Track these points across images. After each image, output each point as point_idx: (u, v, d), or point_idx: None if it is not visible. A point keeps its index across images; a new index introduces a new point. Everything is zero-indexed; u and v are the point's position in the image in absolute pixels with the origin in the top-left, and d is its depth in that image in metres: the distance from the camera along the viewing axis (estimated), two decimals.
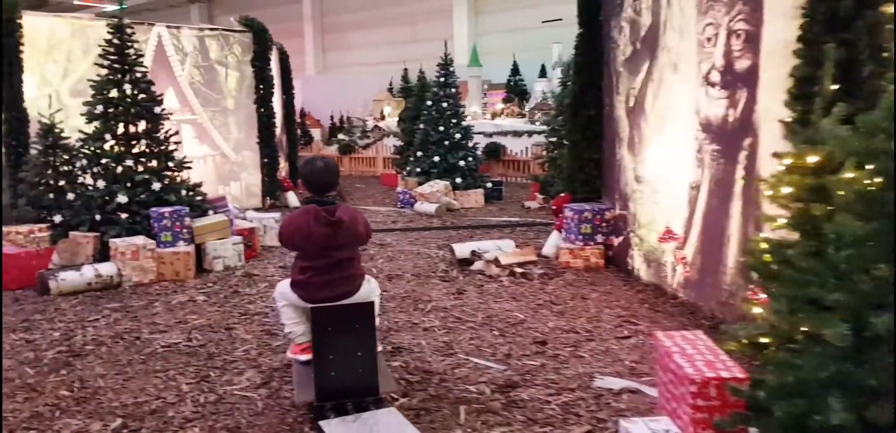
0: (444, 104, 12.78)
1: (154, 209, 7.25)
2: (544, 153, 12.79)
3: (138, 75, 7.70)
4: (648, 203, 6.59)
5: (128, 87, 7.55)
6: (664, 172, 6.27)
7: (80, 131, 7.70)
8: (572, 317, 5.53)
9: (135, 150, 7.60)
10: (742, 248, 5.02)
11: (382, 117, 23.49)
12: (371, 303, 3.87)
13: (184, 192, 7.70)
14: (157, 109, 7.77)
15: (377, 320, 4.04)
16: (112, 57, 7.62)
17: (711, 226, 5.50)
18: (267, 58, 12.24)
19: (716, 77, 5.38)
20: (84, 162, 7.57)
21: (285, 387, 4.16)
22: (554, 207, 8.15)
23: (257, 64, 12.11)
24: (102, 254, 7.11)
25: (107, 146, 7.53)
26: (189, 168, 8.14)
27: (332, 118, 24.54)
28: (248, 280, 7.01)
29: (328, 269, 3.95)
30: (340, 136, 22.47)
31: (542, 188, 12.19)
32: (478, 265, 7.14)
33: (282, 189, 12.69)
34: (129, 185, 7.44)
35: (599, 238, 7.31)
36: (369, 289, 4.20)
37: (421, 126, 13.24)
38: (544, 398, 3.96)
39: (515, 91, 23.39)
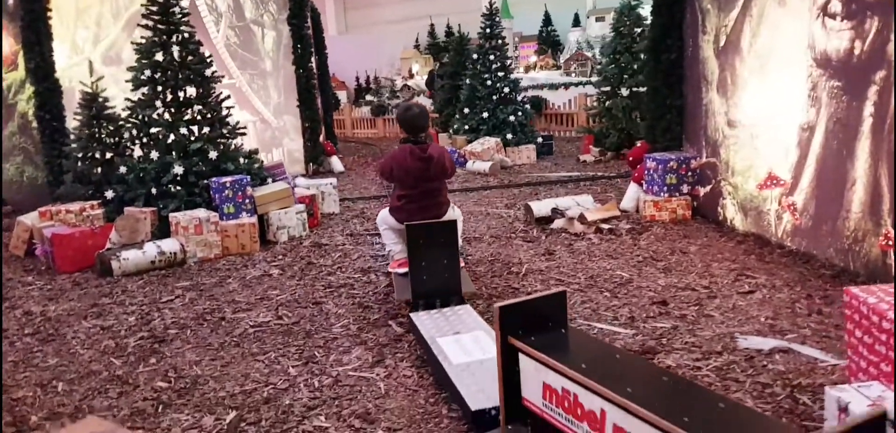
0: (491, 57, 12.26)
1: (214, 179, 6.88)
2: (595, 104, 12.26)
3: (186, 36, 7.28)
4: (745, 148, 6.12)
5: (176, 50, 7.12)
6: (766, 114, 5.79)
7: (128, 99, 7.31)
8: (681, 273, 5.13)
9: (187, 118, 7.20)
10: (873, 191, 4.58)
11: (411, 75, 22.95)
12: (454, 222, 4.51)
13: (241, 160, 7.32)
14: (208, 72, 7.37)
15: (460, 240, 4.71)
16: (156, 17, 7.19)
17: (829, 170, 5.04)
18: (304, 15, 11.76)
19: (837, 7, 4.88)
20: (134, 132, 7.19)
21: (402, 365, 3.81)
22: (631, 158, 7.71)
23: (294, 22, 11.63)
24: (161, 230, 6.78)
25: (156, 114, 7.14)
26: (244, 134, 7.76)
27: (357, 79, 24.00)
28: (319, 250, 6.66)
29: (421, 196, 4.93)
30: (368, 98, 21.99)
31: (596, 140, 11.72)
32: (558, 223, 6.73)
33: (325, 153, 12.29)
34: (182, 154, 7.06)
35: (685, 188, 6.87)
36: (455, 214, 5.06)
37: (467, 81, 12.74)
38: (692, 363, 3.57)
39: (548, 42, 22.74)
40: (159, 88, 7.14)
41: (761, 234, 5.90)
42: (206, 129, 7.29)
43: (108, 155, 7.57)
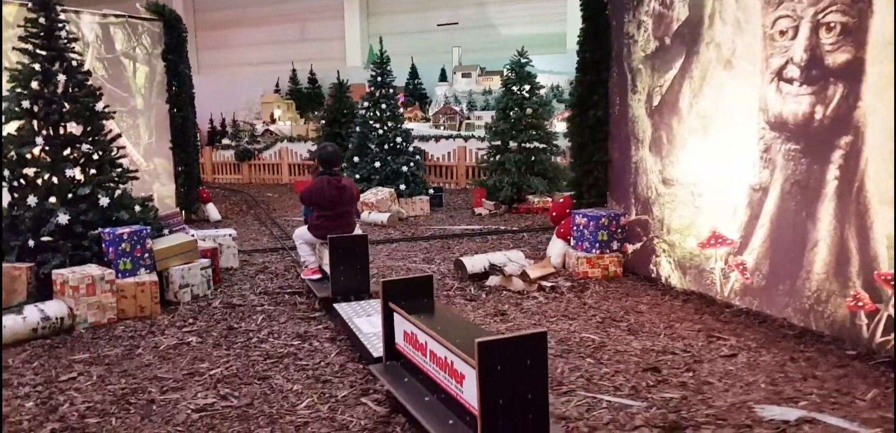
0: (383, 105, 11.89)
1: (108, 230, 5.89)
2: (488, 158, 12.23)
3: (73, 64, 6.26)
4: (684, 207, 6.19)
5: (61, 79, 6.09)
6: (710, 174, 5.89)
7: None
8: (649, 335, 4.98)
9: (70, 157, 6.15)
10: (838, 252, 4.71)
11: (273, 120, 21.98)
12: (365, 236, 6.10)
13: (136, 208, 6.35)
14: (99, 106, 6.37)
15: None
16: (36, 41, 6.13)
17: (785, 230, 5.16)
18: (181, 51, 10.77)
19: (793, 72, 5.04)
20: (3, 172, 6.03)
21: None
22: (554, 213, 7.60)
23: (170, 57, 10.61)
24: (39, 290, 5.67)
25: (33, 152, 6.05)
26: (135, 178, 6.78)
27: (211, 122, 22.60)
28: (235, 312, 5.86)
29: (336, 217, 6.33)
30: (225, 141, 20.73)
31: (488, 193, 11.65)
32: (494, 280, 6.43)
33: (201, 200, 11.22)
34: (67, 200, 6.01)
35: (615, 245, 6.84)
36: (359, 232, 6.44)
37: (357, 129, 12.25)
38: None
39: (415, 95, 22.71)
40: (38, 123, 6.04)
41: (704, 293, 5.95)
42: (92, 172, 6.26)
43: None
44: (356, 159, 12.01)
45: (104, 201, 6.06)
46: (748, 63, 5.44)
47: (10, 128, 6.14)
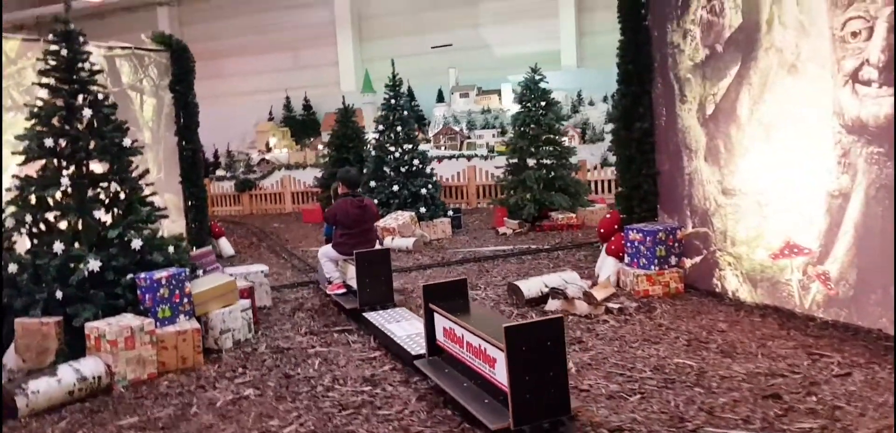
0: (399, 128, 11.53)
1: (143, 275, 5.46)
2: (507, 176, 11.89)
3: (99, 97, 5.85)
4: (749, 217, 5.88)
5: (87, 113, 5.68)
6: (776, 181, 5.60)
7: (16, 177, 5.71)
8: (746, 357, 4.65)
9: (98, 198, 5.73)
10: None
11: (268, 149, 21.56)
12: (389, 250, 6.75)
13: (170, 250, 5.92)
14: (127, 142, 5.95)
15: None
16: (57, 74, 5.72)
17: (874, 237, 4.86)
18: (189, 82, 10.35)
19: (871, 74, 4.77)
20: (23, 217, 5.58)
21: None
22: (602, 230, 7.26)
23: (178, 89, 10.19)
24: (71, 346, 5.21)
25: (58, 195, 5.61)
26: (165, 216, 6.37)
27: (203, 153, 22.05)
28: (286, 357, 5.44)
29: (358, 235, 6.88)
30: (220, 172, 20.25)
31: (510, 212, 11.30)
32: (554, 304, 6.07)
33: (213, 235, 10.76)
34: (95, 245, 5.58)
35: (673, 260, 6.51)
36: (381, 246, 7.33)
37: (372, 153, 11.89)
38: None
39: (415, 117, 22.42)
40: (58, 162, 5.62)
41: (781, 307, 5.62)
42: (120, 212, 5.83)
43: None
44: (373, 183, 11.62)
45: (136, 244, 5.62)
46: (816, 66, 5.16)
47: (30, 169, 5.71)
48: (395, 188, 11.32)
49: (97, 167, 5.86)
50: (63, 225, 5.64)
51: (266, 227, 14.21)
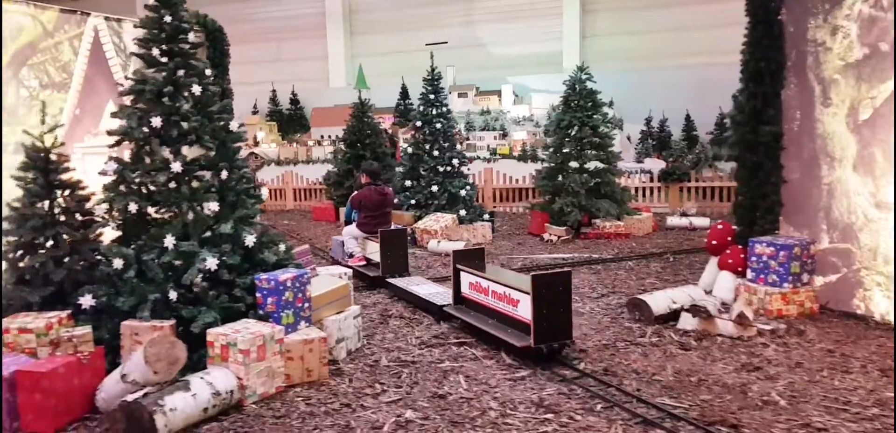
0: (438, 125, 10.91)
1: (268, 275, 4.74)
2: (543, 179, 11.39)
3: (207, 73, 5.12)
4: None
5: (197, 89, 4.93)
6: None
7: (115, 159, 4.91)
8: None
9: (212, 187, 4.98)
10: None
11: (256, 143, 20.56)
12: (404, 228, 8.26)
13: (281, 247, 5.21)
14: (234, 124, 5.22)
15: None
16: (161, 45, 4.97)
17: None
18: (225, 66, 9.53)
19: None
20: (122, 207, 4.79)
21: None
22: (714, 241, 6.81)
23: (213, 74, 9.30)
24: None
25: (163, 182, 4.85)
26: (263, 210, 5.63)
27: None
28: (418, 370, 4.83)
29: (379, 217, 8.40)
30: None
31: (551, 217, 10.79)
32: (688, 322, 5.59)
33: None
34: (204, 241, 4.84)
35: (805, 278, 6.11)
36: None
37: (408, 151, 11.23)
38: None
39: (405, 116, 21.73)
40: (164, 148, 4.86)
41: None
42: (228, 204, 5.09)
43: (74, 238, 4.96)
44: (408, 183, 10.96)
45: (249, 240, 4.90)
46: None
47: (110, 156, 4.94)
48: (434, 189, 10.68)
49: (189, 153, 5.09)
50: (170, 216, 4.87)
51: (276, 224, 13.37)
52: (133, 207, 4.67)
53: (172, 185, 4.82)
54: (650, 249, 9.46)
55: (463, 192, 10.80)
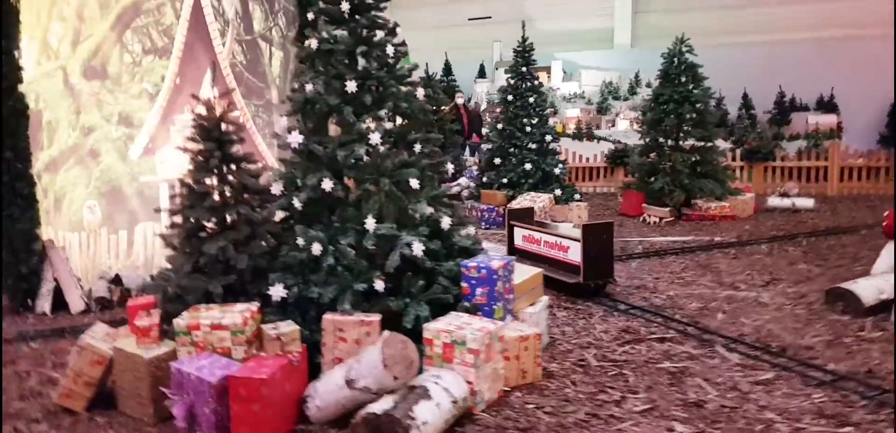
0: (531, 99, 10.29)
1: (478, 262, 4.16)
2: (640, 158, 10.81)
3: (395, 29, 4.52)
4: None
5: (390, 50, 4.34)
6: None
7: (302, 132, 4.31)
8: None
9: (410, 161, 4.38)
10: None
11: None
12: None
13: (473, 231, 4.62)
14: (420, 93, 4.62)
15: None
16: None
17: None
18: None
19: None
20: (312, 180, 4.19)
21: None
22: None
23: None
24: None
25: (366, 153, 4.25)
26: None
27: None
28: (639, 369, 4.28)
29: None
30: None
31: (650, 198, 10.21)
32: None
33: None
34: (402, 223, 4.25)
35: None
36: None
37: (498, 128, 10.61)
38: None
39: (449, 92, 21.07)
40: (364, 118, 4.25)
41: None
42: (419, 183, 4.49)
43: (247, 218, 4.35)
44: (497, 161, 10.36)
45: (446, 222, 4.31)
46: None
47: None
48: (528, 166, 10.07)
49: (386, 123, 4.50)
50: (364, 192, 4.28)
51: None
52: (327, 184, 4.05)
53: (365, 158, 4.21)
54: (770, 232, 8.91)
55: (557, 170, 10.20)
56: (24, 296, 6.21)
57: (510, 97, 10.47)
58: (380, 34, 4.37)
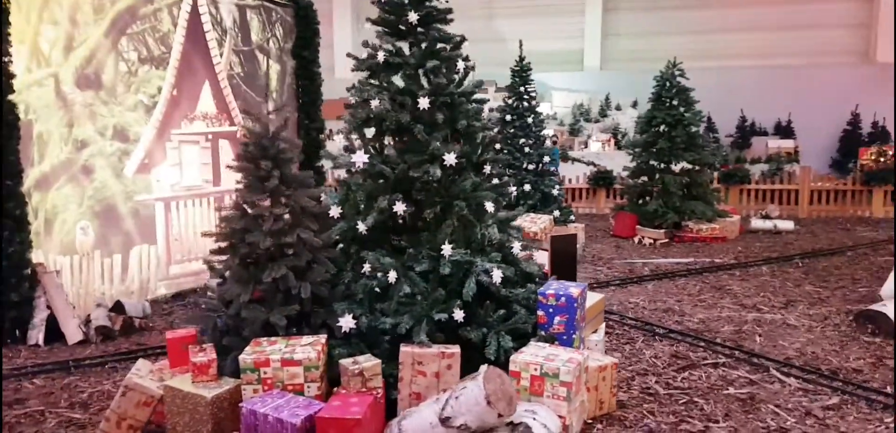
0: (530, 119, 10.16)
1: (557, 289, 3.94)
2: (632, 179, 10.81)
3: (461, 43, 4.28)
4: None
5: (461, 65, 4.11)
6: None
7: (369, 144, 4.01)
8: None
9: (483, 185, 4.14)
10: None
11: None
12: None
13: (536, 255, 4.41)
14: (485, 112, 4.38)
15: None
16: (414, 8, 4.11)
17: None
18: (315, 46, 8.59)
19: None
20: (381, 203, 3.91)
21: None
22: None
23: (304, 54, 8.41)
24: None
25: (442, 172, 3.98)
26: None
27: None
28: (713, 396, 4.11)
29: None
30: None
31: (643, 220, 10.21)
32: None
33: None
34: (472, 247, 4.00)
35: None
36: None
37: (496, 147, 10.41)
38: None
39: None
40: (436, 136, 3.99)
41: None
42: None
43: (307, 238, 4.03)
44: (495, 182, 10.15)
45: (517, 247, 4.09)
46: None
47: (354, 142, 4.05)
48: (527, 187, 9.92)
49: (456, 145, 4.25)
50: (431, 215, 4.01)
51: None
52: (400, 207, 3.78)
53: (436, 179, 3.94)
54: (763, 253, 8.98)
55: (555, 191, 10.08)
56: (13, 327, 5.66)
57: (509, 117, 10.31)
58: (447, 48, 4.11)
